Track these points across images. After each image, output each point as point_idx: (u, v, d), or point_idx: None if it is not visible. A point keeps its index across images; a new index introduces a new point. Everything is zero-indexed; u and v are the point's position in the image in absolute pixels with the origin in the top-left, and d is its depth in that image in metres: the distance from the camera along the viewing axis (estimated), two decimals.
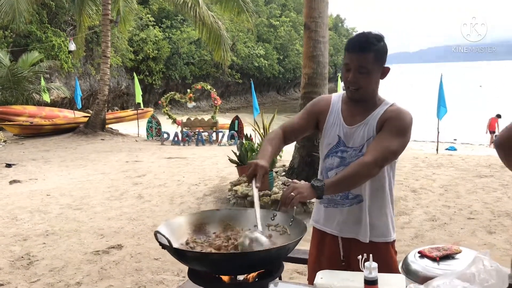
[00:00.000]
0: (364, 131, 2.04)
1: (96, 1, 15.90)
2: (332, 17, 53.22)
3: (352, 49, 1.98)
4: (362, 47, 1.96)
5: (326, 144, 2.14)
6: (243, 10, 14.27)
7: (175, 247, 1.67)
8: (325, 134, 2.15)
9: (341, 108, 2.13)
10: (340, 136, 2.09)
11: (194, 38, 29.19)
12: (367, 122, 2.04)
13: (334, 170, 2.10)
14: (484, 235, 4.95)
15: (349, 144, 2.07)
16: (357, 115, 2.07)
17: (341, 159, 2.08)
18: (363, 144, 2.04)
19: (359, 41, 1.98)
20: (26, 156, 11.15)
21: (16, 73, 16.49)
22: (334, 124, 2.12)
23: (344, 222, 2.11)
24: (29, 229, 5.59)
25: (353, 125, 2.07)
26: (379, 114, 2.03)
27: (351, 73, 1.98)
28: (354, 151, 2.06)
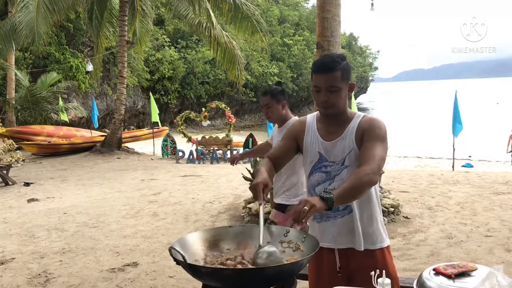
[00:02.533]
0: (344, 145, 2.15)
1: (113, 22, 16.24)
2: (346, 36, 53.45)
3: (320, 71, 2.10)
4: (329, 68, 2.08)
5: (308, 162, 2.24)
6: (257, 30, 14.43)
7: (189, 263, 1.70)
8: (306, 153, 2.25)
9: (317, 126, 2.25)
10: (320, 153, 2.19)
11: (209, 58, 29.57)
12: (345, 136, 2.16)
13: (321, 185, 2.19)
14: (501, 252, 4.88)
15: (330, 158, 2.17)
16: (333, 130, 2.19)
17: (326, 174, 2.18)
18: (344, 157, 2.15)
19: (325, 62, 2.10)
20: (43, 175, 11.33)
21: (35, 94, 16.87)
22: (312, 143, 2.22)
23: (339, 234, 2.18)
24: (46, 247, 5.66)
25: (331, 140, 2.18)
26: (355, 126, 2.15)
27: (322, 93, 2.10)
28: (337, 164, 2.16)
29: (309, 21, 43.74)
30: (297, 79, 39.94)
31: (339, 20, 6.78)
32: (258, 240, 1.92)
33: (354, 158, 2.13)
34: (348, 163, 2.15)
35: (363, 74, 53.72)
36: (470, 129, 18.96)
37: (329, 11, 6.65)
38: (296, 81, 39.72)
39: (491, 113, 39.75)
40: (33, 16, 12.59)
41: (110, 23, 16.24)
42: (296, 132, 2.32)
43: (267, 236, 2.09)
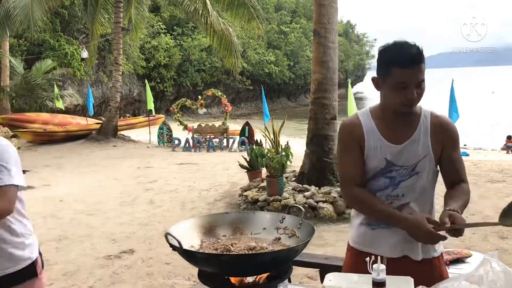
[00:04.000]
0: (417, 149, 1.91)
1: (108, 9, 16.08)
2: (343, 23, 53.20)
3: (408, 64, 1.78)
4: (418, 58, 1.79)
5: (371, 168, 1.95)
6: (254, 17, 14.34)
7: (185, 249, 1.70)
8: (369, 159, 1.95)
9: (376, 125, 1.96)
10: (387, 159, 1.92)
11: (205, 45, 29.40)
12: (417, 138, 1.91)
13: (383, 191, 1.96)
14: (496, 240, 4.92)
15: (398, 162, 1.92)
16: (400, 130, 1.92)
17: (390, 179, 1.94)
18: (416, 162, 1.91)
19: (412, 53, 1.79)
20: (39, 162, 11.29)
21: (29, 81, 16.74)
22: (376, 148, 1.93)
23: (396, 242, 1.96)
24: (43, 234, 5.65)
25: (400, 143, 1.91)
26: (427, 128, 1.92)
27: (409, 90, 1.80)
28: (405, 169, 1.92)
29: (306, 8, 43.46)
30: (294, 67, 39.80)
31: (336, 7, 6.76)
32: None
33: (428, 165, 1.92)
34: (419, 169, 1.92)
35: (360, 62, 53.57)
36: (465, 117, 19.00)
37: None
38: (292, 69, 39.58)
39: (486, 101, 39.85)
40: (27, 2, 12.45)
41: (105, 10, 16.08)
42: (355, 134, 1.97)
43: (263, 222, 2.10)
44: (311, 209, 6.05)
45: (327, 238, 5.28)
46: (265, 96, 13.61)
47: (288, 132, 16.55)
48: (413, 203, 1.95)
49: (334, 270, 2.24)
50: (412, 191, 1.94)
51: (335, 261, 2.81)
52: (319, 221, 5.90)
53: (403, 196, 1.94)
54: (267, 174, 6.60)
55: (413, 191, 1.94)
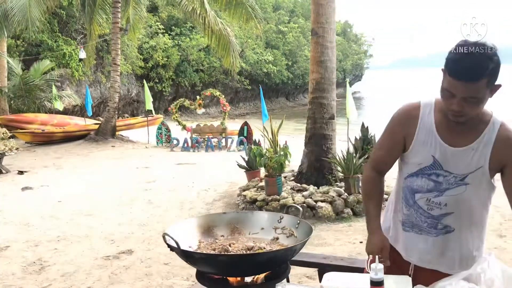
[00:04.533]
0: (472, 158, 1.75)
1: (106, 9, 16.06)
2: (341, 23, 53.22)
3: (460, 77, 1.61)
4: (474, 76, 1.59)
5: (415, 162, 1.85)
6: (252, 17, 14.33)
7: (183, 249, 1.70)
8: (414, 152, 1.84)
9: (435, 121, 1.81)
10: (435, 157, 1.79)
11: (203, 45, 29.38)
12: (477, 147, 1.75)
13: (424, 194, 1.84)
14: (494, 238, 4.92)
15: (447, 168, 1.78)
16: (461, 134, 1.77)
17: (435, 184, 1.81)
18: (468, 173, 1.76)
19: (471, 68, 1.59)
20: (37, 163, 11.28)
21: (27, 82, 16.71)
22: (427, 142, 1.80)
23: (427, 253, 1.88)
24: (41, 235, 5.65)
25: (456, 146, 1.77)
26: (491, 140, 1.75)
27: (456, 101, 1.66)
28: (454, 177, 1.78)
29: (304, 8, 43.48)
30: (292, 67, 39.79)
31: (334, 6, 6.76)
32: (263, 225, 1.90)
33: (480, 178, 1.77)
34: (470, 181, 1.76)
35: (358, 61, 53.61)
36: None
37: None
38: (291, 69, 39.57)
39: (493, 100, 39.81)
40: (25, 2, 12.43)
41: (103, 10, 16.06)
42: (405, 125, 1.85)
43: (261, 222, 2.10)
44: (309, 209, 6.05)
45: (325, 238, 5.28)
46: (263, 96, 13.59)
47: (286, 131, 16.55)
48: (456, 215, 1.83)
49: (333, 269, 2.24)
50: (457, 203, 1.81)
51: (334, 261, 2.81)
52: (318, 220, 5.90)
53: (446, 206, 1.82)
54: (265, 174, 6.61)
55: (458, 204, 1.81)
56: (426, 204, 1.84)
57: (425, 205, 1.85)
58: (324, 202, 6.09)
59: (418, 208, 1.86)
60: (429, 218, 1.85)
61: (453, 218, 1.83)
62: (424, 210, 1.85)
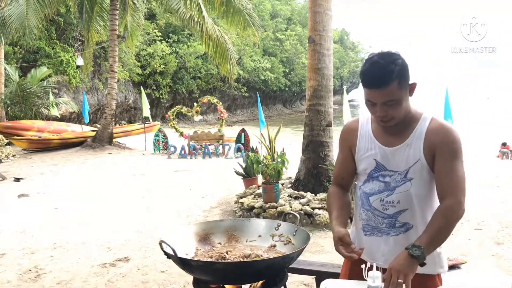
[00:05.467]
0: (409, 154, 1.86)
1: (104, 17, 16.11)
2: (338, 31, 53.49)
3: (372, 86, 1.77)
4: (382, 81, 1.74)
5: (362, 169, 1.98)
6: (249, 24, 14.38)
7: (180, 256, 1.70)
8: (359, 161, 1.98)
9: (372, 128, 1.96)
10: (377, 160, 1.92)
11: (200, 53, 29.46)
12: (410, 142, 1.86)
13: (377, 195, 1.93)
14: (492, 246, 4.92)
15: (390, 167, 1.90)
16: (396, 134, 1.89)
17: (385, 184, 1.91)
18: (408, 168, 1.86)
19: (377, 75, 1.74)
20: (34, 170, 11.24)
21: (25, 89, 16.71)
22: (368, 148, 1.95)
23: (390, 253, 1.89)
24: (37, 242, 5.62)
25: (392, 146, 1.89)
26: (422, 133, 1.86)
27: (378, 108, 1.79)
28: (398, 175, 1.88)
29: (301, 15, 43.73)
30: (290, 74, 39.95)
31: (330, 14, 6.78)
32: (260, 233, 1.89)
33: (420, 170, 1.86)
34: (412, 175, 1.86)
35: (355, 69, 53.84)
36: (461, 124, 19.06)
37: (320, 5, 6.66)
38: (288, 76, 39.73)
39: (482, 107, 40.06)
40: (23, 9, 12.45)
41: (100, 17, 16.10)
42: (348, 139, 2.03)
43: (258, 230, 2.09)
44: (307, 216, 6.04)
45: (323, 245, 5.27)
46: (260, 103, 13.65)
47: (284, 138, 16.56)
48: (412, 212, 1.88)
49: (330, 277, 2.24)
50: (407, 198, 1.88)
51: (331, 268, 2.80)
52: (315, 227, 5.89)
53: (399, 203, 1.89)
54: (263, 181, 6.60)
55: (409, 199, 1.88)
56: (380, 204, 1.92)
57: (380, 205, 1.92)
58: (321, 209, 6.08)
59: (374, 210, 1.94)
60: (386, 219, 1.92)
61: (409, 215, 1.89)
62: (380, 211, 1.93)
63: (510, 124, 25.62)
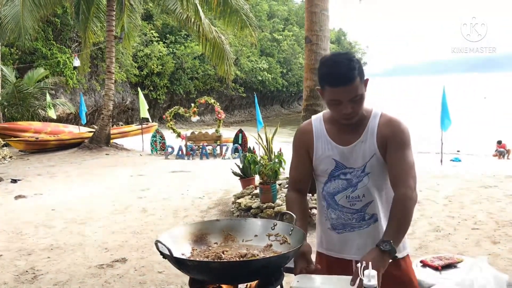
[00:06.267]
0: (364, 149, 1.95)
1: (100, 17, 16.09)
2: (335, 31, 53.52)
3: (338, 84, 1.82)
4: (348, 78, 1.80)
5: (322, 170, 2.03)
6: (246, 25, 14.39)
7: (175, 256, 1.69)
8: (318, 162, 2.03)
9: (326, 129, 2.03)
10: (335, 159, 1.99)
11: (198, 53, 29.44)
12: (364, 139, 1.95)
13: (342, 193, 2.00)
14: (488, 245, 4.93)
15: (350, 165, 1.97)
16: (350, 133, 1.97)
17: (347, 181, 1.98)
18: (365, 163, 1.95)
19: (342, 73, 1.81)
20: (31, 171, 11.22)
21: (21, 90, 16.67)
22: (325, 149, 2.01)
23: (365, 244, 1.97)
24: (34, 244, 5.61)
25: (347, 144, 1.97)
26: (374, 128, 1.95)
27: (344, 106, 1.85)
28: (357, 171, 1.96)
29: (298, 16, 43.73)
30: (287, 74, 39.96)
31: (327, 14, 6.79)
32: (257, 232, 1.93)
33: (376, 164, 1.95)
34: (369, 169, 1.95)
35: None
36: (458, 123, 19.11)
37: (317, 5, 6.67)
38: (286, 76, 39.73)
39: (479, 107, 40.18)
40: (19, 10, 12.43)
41: (97, 18, 16.08)
42: (304, 143, 2.06)
43: (255, 229, 2.09)
44: None
45: None
46: (258, 103, 13.64)
47: (281, 139, 16.57)
48: (376, 202, 1.98)
49: None
50: (370, 192, 1.97)
51: None
52: (312, 227, 5.88)
53: (364, 197, 1.98)
54: (260, 181, 6.60)
55: (371, 192, 1.97)
56: (347, 201, 1.99)
57: (347, 202, 1.99)
58: None
59: (342, 207, 2.01)
60: (355, 213, 2.00)
61: (374, 206, 1.98)
62: (348, 207, 2.00)
63: (507, 123, 25.69)
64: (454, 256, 2.89)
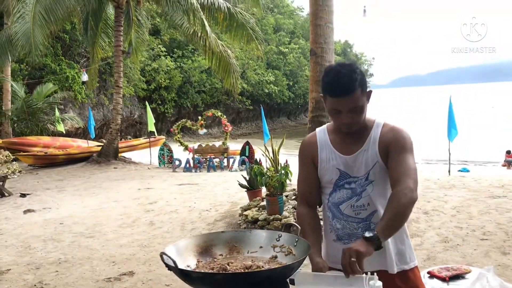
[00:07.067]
0: (367, 158, 1.98)
1: (108, 33, 16.30)
2: (341, 43, 53.71)
3: (338, 94, 1.87)
4: (348, 89, 1.85)
5: (326, 181, 2.06)
6: (253, 38, 14.51)
7: (180, 268, 1.71)
8: (323, 172, 2.06)
9: (330, 140, 2.07)
10: (339, 169, 2.01)
11: (205, 67, 29.67)
12: (367, 147, 1.99)
13: (347, 202, 2.02)
14: (497, 256, 4.88)
15: (353, 173, 2.00)
16: (353, 142, 2.01)
17: (351, 190, 2.01)
18: (368, 171, 1.98)
19: (343, 83, 1.85)
20: (40, 185, 11.30)
21: (31, 105, 16.88)
22: (329, 159, 2.04)
23: (372, 257, 1.84)
24: (42, 258, 5.64)
25: (351, 153, 2.00)
26: (377, 137, 1.99)
27: (344, 116, 1.91)
28: (360, 180, 1.99)
29: (304, 29, 43.99)
30: (293, 87, 40.09)
31: (332, 27, 6.84)
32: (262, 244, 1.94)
33: (379, 172, 1.98)
34: (372, 177, 1.98)
35: None
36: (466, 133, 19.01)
37: (322, 18, 6.72)
38: (292, 89, 39.86)
39: (486, 117, 39.95)
40: (29, 27, 12.62)
41: (105, 34, 16.30)
42: (309, 152, 2.10)
43: (260, 241, 2.10)
44: None
45: None
46: (265, 116, 13.68)
47: (288, 150, 16.57)
48: (381, 211, 1.96)
49: None
50: (375, 200, 1.98)
51: None
52: None
53: (369, 205, 1.99)
54: (266, 193, 6.59)
55: (376, 200, 1.98)
56: (352, 210, 2.00)
57: (352, 211, 2.00)
58: None
59: (348, 217, 2.02)
60: (360, 223, 2.00)
61: (379, 215, 1.96)
62: (353, 217, 2.01)
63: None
64: (462, 267, 2.88)
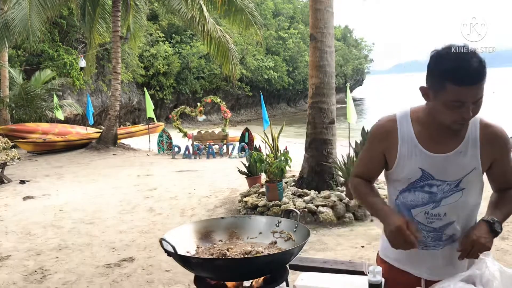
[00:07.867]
0: (463, 161, 1.69)
1: (106, 18, 16.15)
2: (341, 28, 53.39)
3: (469, 83, 1.53)
4: (479, 77, 1.54)
5: (403, 178, 1.76)
6: (252, 23, 14.37)
7: (180, 254, 1.70)
8: (399, 169, 1.76)
9: (415, 132, 1.74)
10: (423, 169, 1.71)
11: (203, 53, 29.46)
12: (464, 149, 1.69)
13: (421, 208, 1.76)
14: (496, 241, 4.86)
15: (439, 177, 1.71)
16: (443, 140, 1.71)
17: (430, 195, 1.73)
18: (461, 177, 1.70)
19: (475, 71, 1.53)
20: (39, 172, 11.30)
21: (29, 91, 16.78)
22: (410, 155, 1.73)
23: (436, 266, 1.81)
24: (42, 244, 5.65)
25: (443, 153, 1.70)
26: (477, 138, 1.71)
27: (465, 109, 1.57)
28: (448, 185, 1.71)
29: (303, 14, 43.64)
30: (293, 73, 39.89)
31: (331, 11, 6.78)
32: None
33: (473, 180, 1.72)
34: (464, 185, 1.71)
35: (358, 66, 53.70)
36: None
37: (321, 2, 6.66)
38: (292, 75, 39.67)
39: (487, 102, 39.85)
40: (26, 13, 12.50)
41: (103, 19, 16.14)
42: (384, 140, 1.78)
43: (259, 227, 2.09)
44: (310, 214, 6.04)
45: (327, 242, 5.27)
46: (264, 102, 13.62)
47: (287, 137, 16.56)
48: (457, 223, 1.77)
49: (333, 273, 2.23)
50: (455, 210, 1.75)
51: (334, 265, 2.80)
52: (319, 225, 5.89)
53: (446, 216, 1.75)
54: (266, 180, 6.60)
55: (457, 210, 1.75)
56: (425, 218, 1.77)
57: (425, 219, 1.77)
58: (325, 206, 6.08)
59: (418, 224, 1.78)
60: (431, 232, 1.78)
61: (454, 227, 1.77)
62: (424, 224, 1.78)
63: None
64: None
